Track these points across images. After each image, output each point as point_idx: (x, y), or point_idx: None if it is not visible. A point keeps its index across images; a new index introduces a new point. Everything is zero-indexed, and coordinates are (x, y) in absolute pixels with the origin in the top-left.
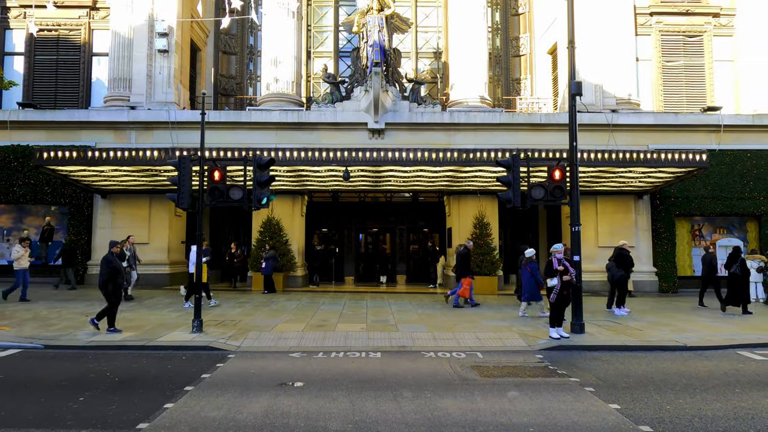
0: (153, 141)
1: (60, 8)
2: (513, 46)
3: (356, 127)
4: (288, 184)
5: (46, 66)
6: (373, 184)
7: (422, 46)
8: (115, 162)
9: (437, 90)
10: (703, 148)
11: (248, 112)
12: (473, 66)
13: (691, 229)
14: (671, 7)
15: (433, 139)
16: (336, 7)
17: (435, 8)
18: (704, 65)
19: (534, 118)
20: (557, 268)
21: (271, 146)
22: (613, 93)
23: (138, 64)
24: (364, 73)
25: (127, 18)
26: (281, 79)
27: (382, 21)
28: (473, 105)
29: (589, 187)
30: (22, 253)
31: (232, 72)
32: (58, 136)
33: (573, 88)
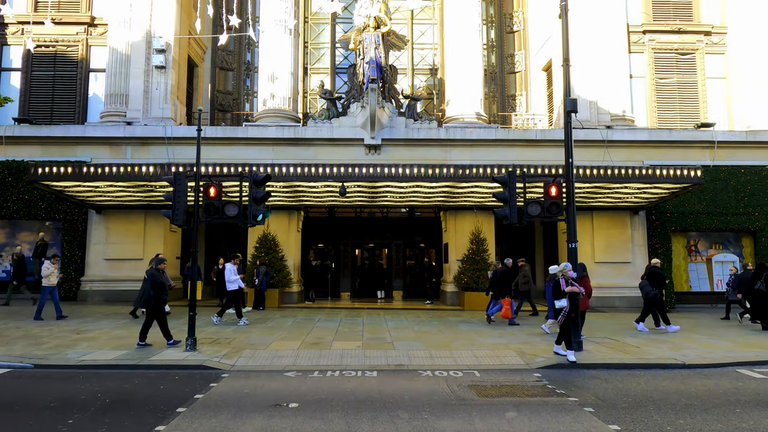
0: (149, 156)
1: (58, 25)
2: (508, 63)
3: (353, 143)
4: (284, 199)
5: (43, 82)
6: (369, 199)
7: (418, 63)
8: (110, 178)
9: (433, 106)
10: (698, 164)
11: (245, 127)
12: (469, 82)
13: (687, 245)
14: (663, 26)
15: (429, 155)
16: (333, 25)
17: (431, 26)
18: (697, 82)
19: (529, 134)
20: (565, 289)
21: (268, 162)
22: (608, 109)
23: (135, 80)
24: (360, 90)
25: (125, 34)
26: (278, 95)
27: (378, 38)
28: (469, 121)
29: (585, 203)
30: (52, 270)
31: (229, 88)
32: (53, 151)
33: (568, 105)
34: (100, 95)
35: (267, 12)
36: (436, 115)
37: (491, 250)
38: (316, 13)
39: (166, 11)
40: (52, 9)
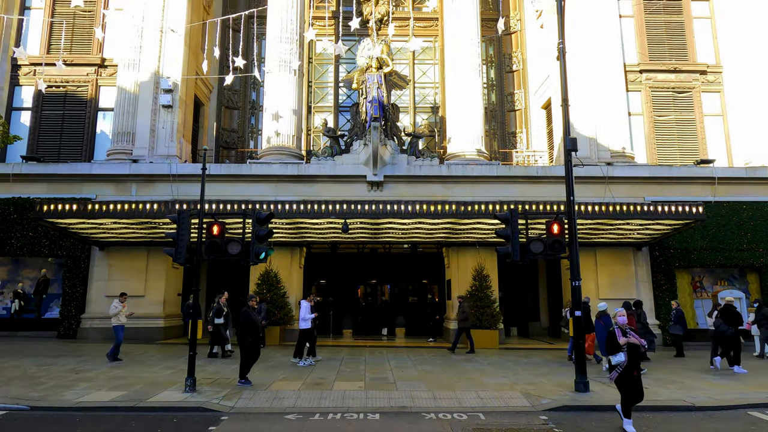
0: (154, 193)
1: (69, 66)
2: (508, 101)
3: (355, 180)
4: (286, 235)
5: (52, 120)
6: (371, 235)
7: (420, 101)
8: (114, 215)
9: (435, 143)
10: (699, 200)
11: (249, 165)
12: (470, 120)
13: (691, 281)
14: (660, 65)
15: (431, 192)
16: (336, 65)
17: (432, 65)
18: (695, 119)
19: (530, 171)
20: (620, 341)
21: (271, 199)
22: (608, 146)
23: (142, 119)
24: (363, 128)
25: (134, 75)
26: (282, 133)
27: (380, 78)
28: (470, 158)
29: (588, 239)
30: (120, 309)
31: (234, 126)
32: (59, 188)
33: (568, 144)
34: (107, 132)
35: (272, 54)
36: (438, 152)
37: (494, 286)
38: (320, 54)
39: (174, 53)
40: (64, 51)
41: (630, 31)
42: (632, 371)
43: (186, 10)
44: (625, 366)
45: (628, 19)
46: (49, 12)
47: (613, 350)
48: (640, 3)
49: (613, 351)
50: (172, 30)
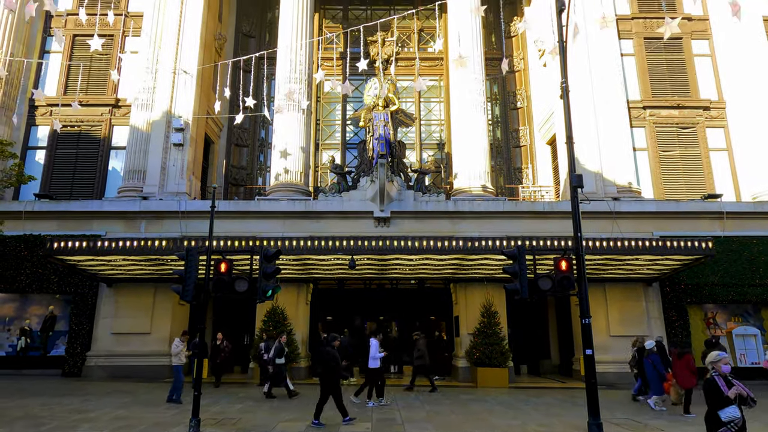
0: (163, 230)
1: (84, 106)
2: (513, 138)
3: (362, 216)
4: (293, 272)
5: (65, 158)
6: (378, 271)
7: (426, 138)
8: (122, 251)
9: (441, 179)
10: (708, 235)
11: (257, 201)
12: (475, 156)
13: (704, 318)
14: (663, 102)
15: (438, 227)
16: (344, 104)
17: (438, 103)
18: (700, 154)
19: (537, 206)
20: (729, 394)
21: (278, 235)
22: (614, 181)
23: (153, 157)
24: (370, 164)
25: (146, 115)
26: (290, 170)
27: (387, 116)
28: (477, 193)
29: (597, 275)
30: (181, 348)
31: (243, 163)
32: (70, 225)
33: (574, 181)
34: (118, 169)
35: (281, 93)
36: (444, 187)
37: (503, 323)
38: (328, 93)
39: (186, 93)
40: (80, 92)
41: (632, 69)
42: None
43: (198, 53)
44: (741, 424)
45: (629, 57)
46: (67, 56)
47: (719, 404)
48: (641, 43)
49: (719, 406)
50: (185, 71)
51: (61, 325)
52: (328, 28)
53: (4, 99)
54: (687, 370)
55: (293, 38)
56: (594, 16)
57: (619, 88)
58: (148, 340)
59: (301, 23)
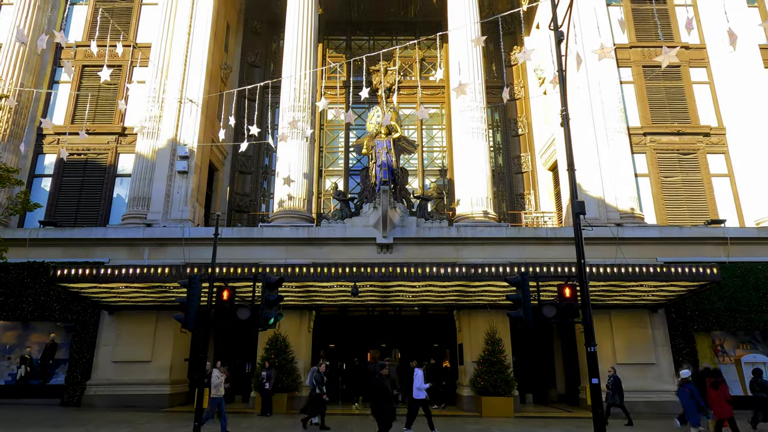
0: (166, 257)
1: (91, 134)
2: (515, 164)
3: (365, 242)
4: (296, 299)
5: (71, 186)
6: (381, 298)
7: (428, 164)
8: (126, 279)
9: (443, 205)
10: (713, 260)
11: (260, 228)
12: (477, 183)
13: (712, 345)
14: (663, 128)
15: (441, 254)
16: (347, 131)
17: (440, 130)
18: (702, 180)
19: (540, 232)
20: None
21: (281, 262)
22: (616, 206)
23: (158, 184)
24: (373, 191)
25: (152, 143)
26: (293, 197)
27: (389, 144)
28: (479, 220)
29: (602, 301)
30: (222, 380)
31: (247, 190)
32: (73, 252)
33: (576, 208)
34: (123, 197)
35: (285, 121)
36: (447, 214)
37: (508, 350)
38: (331, 121)
39: (191, 122)
40: (87, 121)
41: (632, 96)
42: None
43: (204, 82)
44: None
45: (629, 85)
46: (76, 86)
47: None
48: (640, 71)
49: None
50: (191, 101)
51: (61, 353)
52: (332, 58)
53: (13, 128)
54: (723, 400)
55: (297, 68)
56: (593, 46)
57: (619, 114)
58: (149, 368)
59: (304, 54)
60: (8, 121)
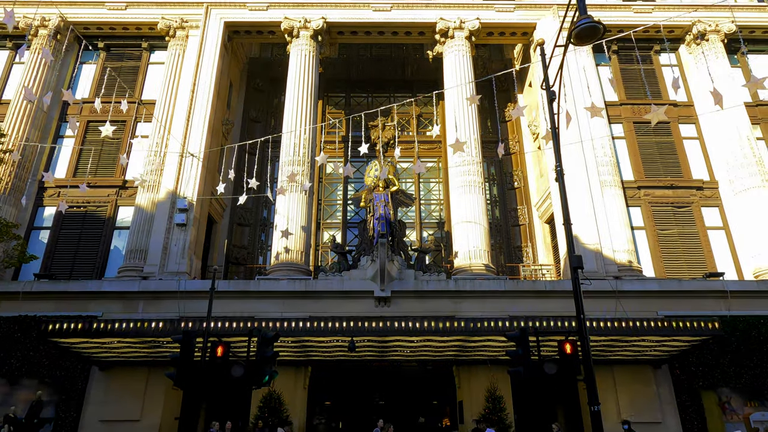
0: (161, 310)
1: (92, 187)
2: (512, 217)
3: (363, 296)
4: (292, 355)
5: (69, 238)
6: (379, 353)
7: (425, 217)
8: (119, 334)
9: (441, 258)
10: (714, 314)
11: (257, 281)
12: (475, 235)
13: (719, 402)
14: (656, 182)
15: (439, 307)
16: (345, 184)
17: (437, 183)
18: (698, 232)
19: (538, 286)
20: None
21: (277, 316)
22: (614, 259)
23: (156, 236)
24: (370, 244)
25: (152, 195)
26: (291, 249)
27: (387, 197)
28: (477, 272)
29: (604, 356)
30: None
31: (245, 242)
32: (67, 306)
33: (574, 262)
34: (120, 249)
35: (284, 175)
36: (445, 266)
37: (509, 408)
38: (330, 174)
39: (192, 175)
40: (89, 174)
41: (624, 151)
42: None
43: (206, 137)
44: None
45: (621, 140)
46: (80, 140)
47: None
48: (631, 127)
49: None
50: (192, 155)
51: (48, 411)
52: (331, 114)
53: (15, 181)
54: None
55: (297, 124)
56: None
57: (613, 168)
58: (138, 427)
59: (304, 110)
60: (11, 175)
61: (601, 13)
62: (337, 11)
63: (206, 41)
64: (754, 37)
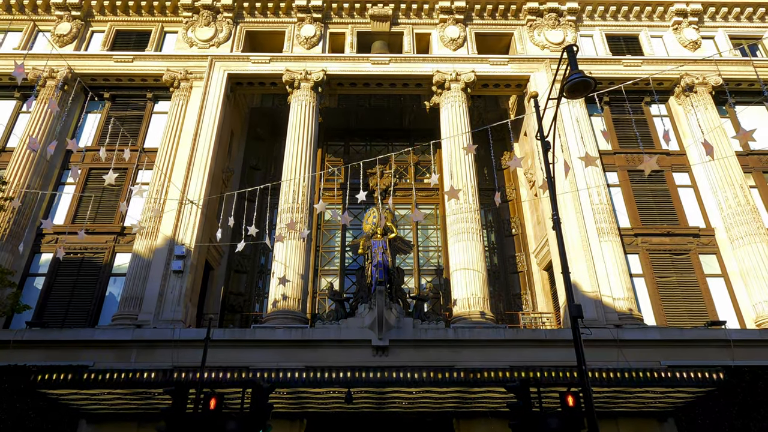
0: (155, 359)
1: (90, 234)
2: (510, 264)
3: (360, 345)
4: (287, 407)
5: (63, 285)
6: (376, 405)
7: (423, 264)
8: (109, 384)
9: (440, 305)
10: (718, 364)
11: (252, 329)
12: (473, 283)
13: None
14: (652, 230)
15: (438, 357)
16: (343, 232)
17: (435, 230)
18: (697, 280)
19: (539, 334)
20: None
21: (273, 366)
22: (614, 306)
23: (152, 283)
24: (368, 291)
25: (150, 242)
26: (288, 297)
27: (385, 244)
28: (476, 321)
29: (607, 408)
30: None
31: (242, 289)
32: (58, 355)
33: (573, 312)
34: (116, 296)
35: (283, 222)
36: (444, 314)
37: None
38: (328, 221)
39: (191, 223)
40: (87, 221)
41: (620, 198)
42: None
43: (206, 185)
44: None
45: (616, 188)
46: (80, 188)
47: None
48: (626, 175)
49: None
50: (192, 202)
51: None
52: (330, 162)
53: (13, 228)
54: None
55: (296, 172)
56: (578, 153)
57: (610, 216)
58: None
59: (304, 159)
60: (9, 222)
61: (592, 66)
62: (337, 64)
63: (209, 92)
64: (740, 89)
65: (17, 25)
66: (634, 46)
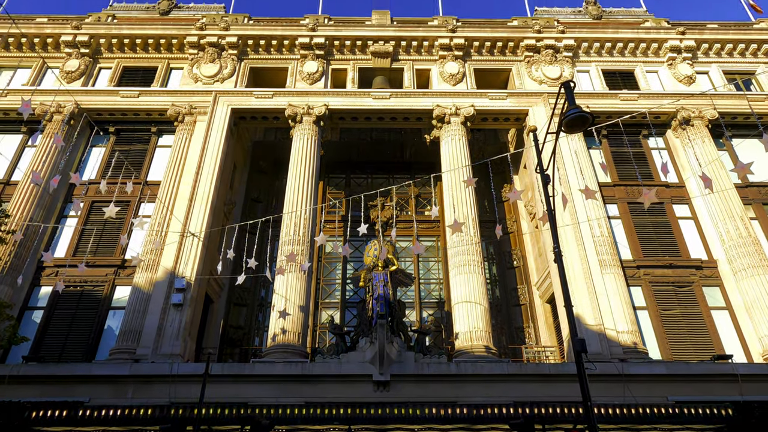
0: (152, 395)
1: (90, 267)
2: (512, 296)
3: (361, 380)
4: None
5: (62, 318)
6: None
7: (425, 297)
8: (105, 422)
9: (441, 339)
10: (727, 399)
11: (252, 364)
12: (475, 316)
13: None
14: (654, 262)
15: (440, 392)
16: (344, 264)
17: (436, 262)
18: (701, 312)
19: (542, 369)
20: None
21: (272, 401)
22: (618, 340)
23: (151, 317)
24: (369, 324)
25: (150, 275)
26: (288, 330)
27: (386, 277)
28: (479, 354)
29: None
30: None
31: (241, 322)
32: (53, 390)
33: (577, 346)
34: (114, 329)
35: (283, 255)
36: (446, 348)
37: None
38: (329, 253)
39: (192, 256)
40: (88, 254)
41: (621, 231)
42: None
43: (207, 218)
44: None
45: (617, 220)
46: (82, 220)
47: None
48: (626, 208)
49: None
50: (193, 235)
51: None
52: (332, 194)
53: (14, 261)
54: None
55: (297, 205)
56: (578, 185)
57: (611, 248)
58: None
59: (305, 191)
60: (10, 254)
61: (589, 100)
62: (339, 99)
63: (213, 126)
64: (736, 122)
65: (27, 62)
66: (630, 81)
